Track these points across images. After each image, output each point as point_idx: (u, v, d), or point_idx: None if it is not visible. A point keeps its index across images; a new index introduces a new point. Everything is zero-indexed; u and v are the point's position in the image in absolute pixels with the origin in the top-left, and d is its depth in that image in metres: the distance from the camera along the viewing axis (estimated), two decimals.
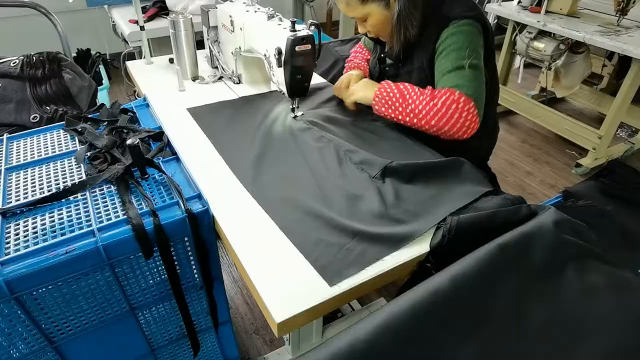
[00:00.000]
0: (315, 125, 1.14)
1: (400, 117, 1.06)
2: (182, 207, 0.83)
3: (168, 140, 1.04)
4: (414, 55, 1.10)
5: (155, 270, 0.87)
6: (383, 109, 1.09)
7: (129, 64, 1.53)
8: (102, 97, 2.10)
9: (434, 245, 0.77)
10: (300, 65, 1.05)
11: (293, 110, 1.18)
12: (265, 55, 1.13)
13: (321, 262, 0.73)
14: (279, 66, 1.06)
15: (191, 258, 0.90)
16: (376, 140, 1.10)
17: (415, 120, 1.03)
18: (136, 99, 1.29)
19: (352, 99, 1.18)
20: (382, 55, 1.20)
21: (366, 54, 1.39)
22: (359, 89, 1.17)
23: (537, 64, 2.56)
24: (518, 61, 2.75)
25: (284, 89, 1.12)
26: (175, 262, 0.87)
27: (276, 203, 0.87)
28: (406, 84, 1.08)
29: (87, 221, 0.81)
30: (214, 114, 1.21)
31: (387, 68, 1.20)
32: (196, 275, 0.94)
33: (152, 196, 0.87)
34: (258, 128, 1.13)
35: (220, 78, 1.42)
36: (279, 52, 1.04)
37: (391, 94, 1.07)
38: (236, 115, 1.21)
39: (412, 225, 0.80)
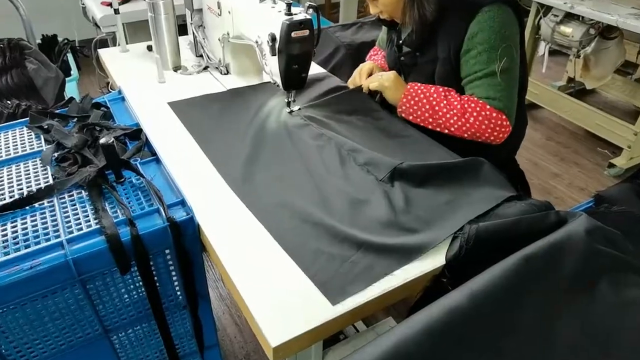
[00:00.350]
0: (313, 121, 1.15)
1: (429, 127, 1.11)
2: (163, 215, 0.83)
3: (147, 139, 1.04)
4: (437, 44, 1.10)
5: (132, 287, 0.87)
6: (411, 117, 1.13)
7: (101, 52, 1.53)
8: (71, 89, 2.10)
9: (450, 258, 0.77)
10: (296, 53, 1.05)
11: (289, 104, 1.19)
12: (257, 42, 1.13)
13: (322, 277, 0.73)
14: (273, 55, 1.06)
15: (173, 273, 0.90)
16: (383, 137, 1.10)
17: (446, 131, 1.10)
18: (110, 91, 1.29)
19: (374, 86, 1.19)
20: (400, 42, 1.21)
21: (380, 52, 1.40)
22: (387, 83, 1.16)
23: (564, 50, 2.57)
24: (542, 48, 2.76)
25: (279, 81, 1.12)
26: (155, 278, 0.86)
27: (270, 209, 0.87)
28: (432, 91, 1.10)
29: (54, 231, 0.81)
30: (198, 108, 1.21)
31: (402, 57, 1.20)
32: (179, 293, 0.94)
33: (129, 203, 0.87)
34: (249, 125, 1.13)
35: (206, 68, 1.43)
36: (273, 39, 1.04)
37: (420, 104, 1.11)
38: (224, 110, 1.21)
39: (426, 234, 0.80)
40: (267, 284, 0.73)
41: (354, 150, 1.02)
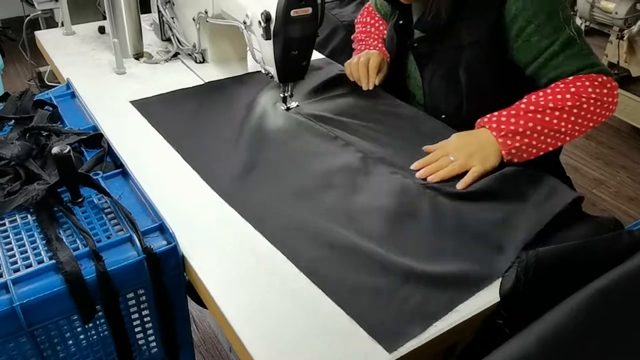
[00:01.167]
0: (320, 120, 1.15)
1: (550, 149, 1.04)
2: (138, 244, 0.81)
3: (109, 147, 1.01)
4: (462, 26, 1.10)
5: (95, 337, 0.84)
6: (524, 154, 1.02)
7: (39, 34, 1.51)
8: None
9: (505, 293, 0.77)
10: (297, 36, 1.05)
11: (284, 99, 1.18)
12: (244, 23, 1.13)
13: (369, 317, 0.72)
14: (267, 38, 1.06)
15: (147, 318, 0.88)
16: (411, 137, 1.11)
17: (567, 139, 1.04)
18: (39, 86, 1.26)
19: (475, 171, 0.97)
20: (401, 22, 1.21)
21: (379, 26, 1.39)
22: (471, 154, 0.99)
23: (604, 30, 2.63)
24: None
25: (272, 71, 1.11)
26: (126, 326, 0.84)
27: (286, 232, 0.86)
28: (514, 107, 1.03)
29: None
30: (171, 108, 1.20)
31: (415, 45, 1.20)
32: (153, 343, 0.91)
33: (92, 229, 0.85)
34: (239, 126, 1.13)
35: (176, 55, 1.42)
36: (267, 19, 1.03)
37: (526, 139, 0.99)
38: (204, 108, 1.20)
39: (487, 260, 0.81)
40: (290, 337, 0.70)
41: (378, 156, 1.04)
